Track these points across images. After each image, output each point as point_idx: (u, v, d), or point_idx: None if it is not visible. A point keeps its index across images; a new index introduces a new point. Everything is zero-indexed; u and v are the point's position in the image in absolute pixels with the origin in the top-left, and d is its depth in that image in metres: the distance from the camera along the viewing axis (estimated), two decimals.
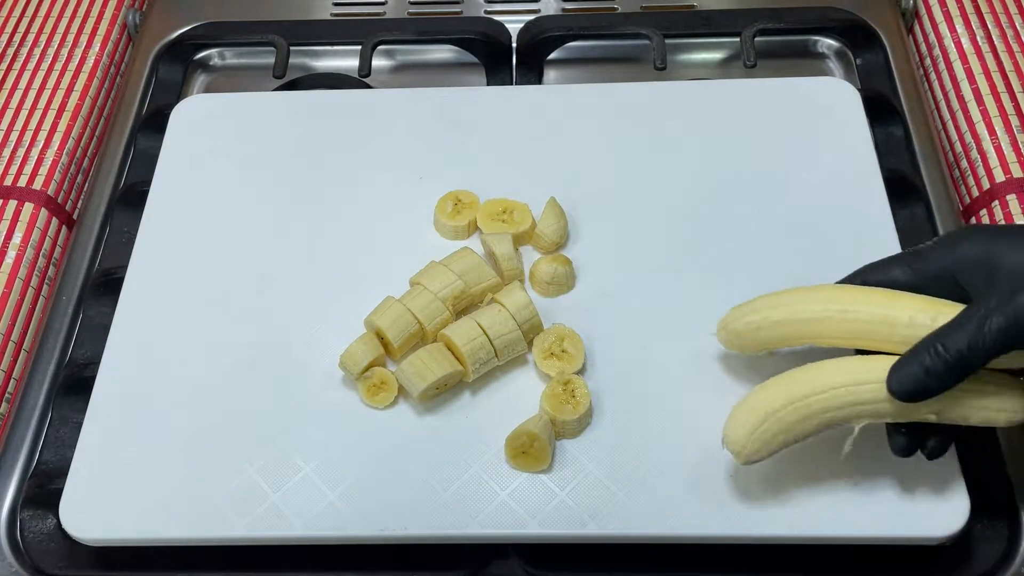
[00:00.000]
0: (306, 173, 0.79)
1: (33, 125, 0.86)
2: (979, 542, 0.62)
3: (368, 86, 0.91)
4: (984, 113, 0.81)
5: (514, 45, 0.93)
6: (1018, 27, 0.87)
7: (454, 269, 0.68)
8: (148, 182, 0.79)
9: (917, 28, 0.93)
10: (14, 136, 0.85)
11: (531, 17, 0.94)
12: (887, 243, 0.71)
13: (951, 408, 0.54)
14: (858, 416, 0.55)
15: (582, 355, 0.66)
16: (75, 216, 0.84)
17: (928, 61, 0.90)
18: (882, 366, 0.53)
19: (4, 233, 0.78)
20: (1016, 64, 0.84)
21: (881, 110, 0.84)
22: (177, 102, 0.85)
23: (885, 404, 0.53)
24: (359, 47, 0.90)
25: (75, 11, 0.95)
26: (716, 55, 0.93)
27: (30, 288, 0.78)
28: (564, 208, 0.73)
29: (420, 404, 0.65)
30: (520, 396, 0.65)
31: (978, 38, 0.86)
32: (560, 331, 0.67)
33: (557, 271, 0.70)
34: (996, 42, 0.86)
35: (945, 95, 0.86)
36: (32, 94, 0.88)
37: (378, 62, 0.93)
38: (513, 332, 0.65)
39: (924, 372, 0.51)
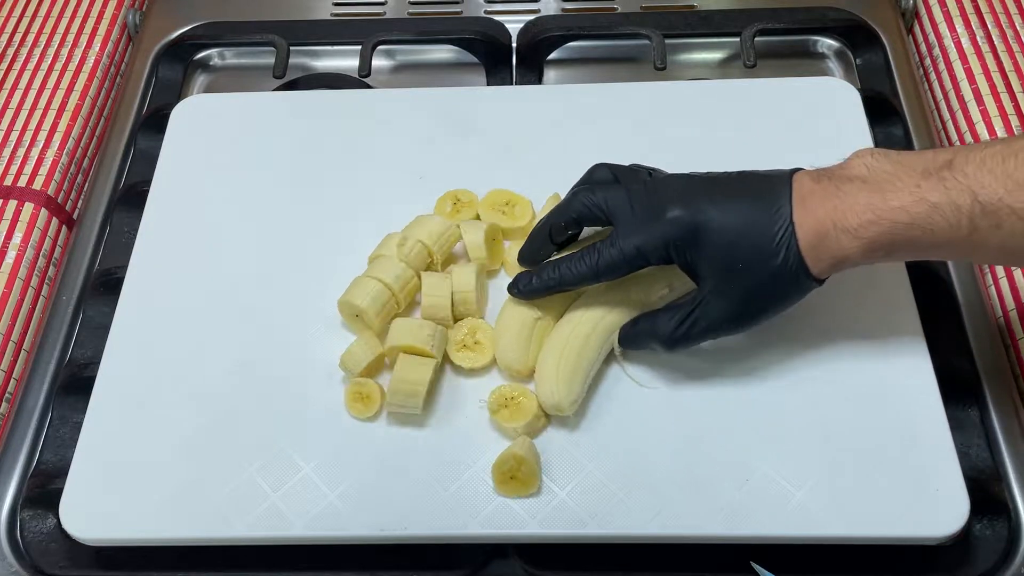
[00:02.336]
0: (306, 173, 0.79)
1: (33, 125, 0.86)
2: (979, 542, 0.62)
3: (368, 86, 0.91)
4: (984, 113, 0.81)
5: (514, 45, 0.93)
6: (1018, 27, 0.87)
7: (405, 233, 0.70)
8: (148, 182, 0.79)
9: (917, 28, 0.93)
10: (14, 136, 0.85)
11: (531, 17, 0.94)
12: None
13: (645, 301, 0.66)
14: (609, 326, 0.65)
15: (492, 348, 0.66)
16: (75, 216, 0.84)
17: (928, 61, 0.90)
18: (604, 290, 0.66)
19: (4, 233, 0.78)
20: (1016, 64, 0.84)
21: (881, 110, 0.84)
22: (177, 102, 0.85)
23: (617, 313, 0.65)
24: (359, 47, 0.90)
25: (75, 11, 0.95)
26: (716, 55, 0.93)
27: (30, 288, 0.78)
28: None
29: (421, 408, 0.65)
30: None
31: (978, 38, 0.86)
32: (472, 324, 0.67)
33: None
34: (996, 42, 0.86)
35: (945, 95, 0.86)
36: (32, 94, 0.88)
37: (378, 62, 0.93)
38: (443, 298, 0.66)
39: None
